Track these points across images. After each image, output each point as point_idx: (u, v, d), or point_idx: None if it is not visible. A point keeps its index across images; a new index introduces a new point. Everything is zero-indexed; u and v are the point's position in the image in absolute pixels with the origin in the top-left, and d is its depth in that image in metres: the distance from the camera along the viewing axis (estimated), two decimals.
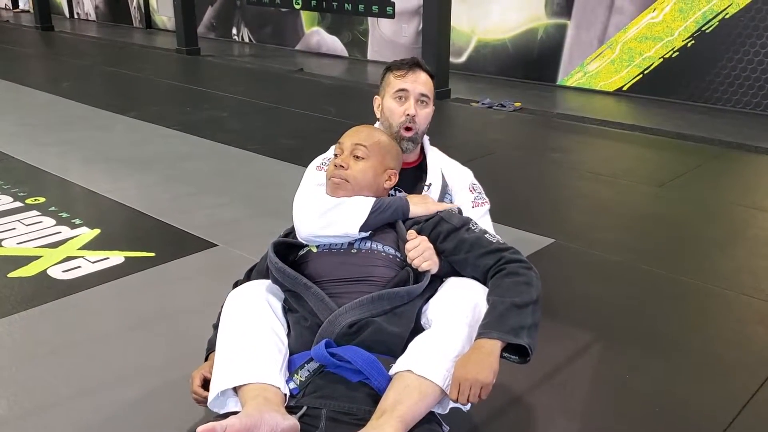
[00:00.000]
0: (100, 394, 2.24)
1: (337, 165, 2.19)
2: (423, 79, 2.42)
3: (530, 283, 1.98)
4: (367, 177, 2.20)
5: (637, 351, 2.53)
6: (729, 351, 2.55)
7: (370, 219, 2.13)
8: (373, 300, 1.96)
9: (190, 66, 9.18)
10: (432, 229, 2.14)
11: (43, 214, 3.80)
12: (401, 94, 2.39)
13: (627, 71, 7.13)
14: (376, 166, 2.22)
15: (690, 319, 2.78)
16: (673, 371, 2.40)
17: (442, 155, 2.56)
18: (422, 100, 2.41)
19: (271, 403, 1.79)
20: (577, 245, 3.46)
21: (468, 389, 1.77)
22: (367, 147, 2.20)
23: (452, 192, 2.48)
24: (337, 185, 2.19)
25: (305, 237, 2.20)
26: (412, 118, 2.37)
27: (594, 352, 2.53)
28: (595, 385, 2.33)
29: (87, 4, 14.55)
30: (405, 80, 2.40)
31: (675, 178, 4.56)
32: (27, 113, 6.24)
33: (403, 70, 2.41)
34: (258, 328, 1.96)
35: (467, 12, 8.24)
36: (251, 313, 2.00)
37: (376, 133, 2.30)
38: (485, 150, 5.11)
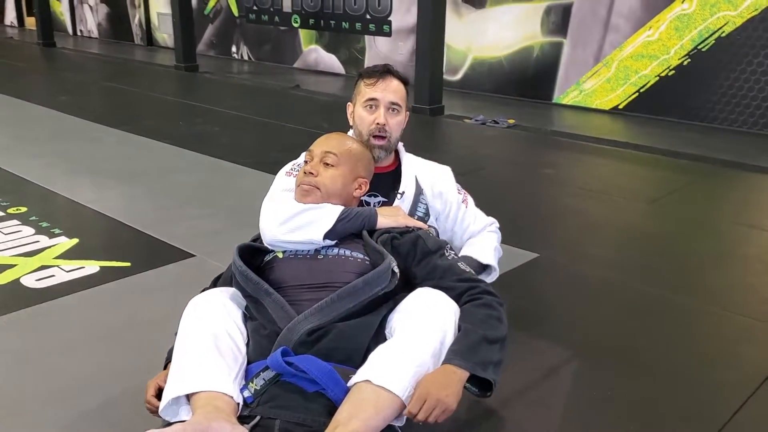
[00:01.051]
0: (59, 403, 2.18)
1: (306, 172, 2.17)
2: (394, 86, 2.40)
3: (501, 320, 1.96)
4: (337, 185, 2.17)
5: (616, 368, 2.45)
6: (713, 369, 2.47)
7: (337, 227, 2.09)
8: (333, 301, 1.91)
9: (187, 82, 9.19)
10: (409, 247, 2.09)
11: (23, 224, 3.76)
12: (371, 103, 2.37)
13: (623, 89, 7.10)
14: (346, 174, 2.18)
15: (674, 336, 2.70)
16: (654, 388, 2.32)
17: (417, 159, 2.52)
18: (393, 108, 2.39)
19: (221, 412, 1.73)
20: (562, 260, 3.40)
21: (432, 408, 1.72)
22: (337, 155, 2.17)
23: (427, 198, 2.44)
24: (306, 192, 2.15)
25: (270, 242, 2.15)
26: (382, 126, 2.35)
27: (571, 369, 2.45)
28: (571, 402, 2.26)
29: (90, 21, 14.65)
30: (375, 89, 2.37)
31: (666, 194, 4.50)
32: (20, 126, 6.23)
33: (374, 78, 2.39)
34: (214, 336, 1.90)
35: (463, 30, 8.24)
36: (208, 321, 1.94)
37: (347, 140, 2.27)
38: (475, 165, 5.06)
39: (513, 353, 2.50)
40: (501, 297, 2.03)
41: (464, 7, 8.18)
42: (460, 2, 8.19)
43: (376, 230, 2.16)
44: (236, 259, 2.08)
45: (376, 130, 2.36)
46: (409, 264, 2.08)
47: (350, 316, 1.92)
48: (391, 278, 1.98)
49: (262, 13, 10.81)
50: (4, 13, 17.37)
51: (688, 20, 6.52)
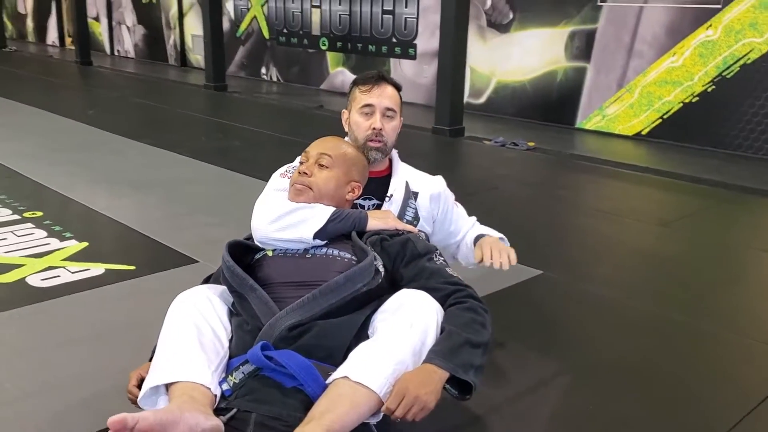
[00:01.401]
0: (49, 395, 2.21)
1: (301, 172, 2.19)
2: (389, 92, 2.43)
3: (485, 326, 1.96)
4: (330, 186, 2.19)
5: (610, 382, 2.41)
6: (710, 388, 2.42)
7: (328, 227, 2.10)
8: (314, 297, 1.91)
9: (215, 100, 9.34)
10: (399, 248, 2.10)
11: (36, 227, 3.84)
12: (367, 110, 2.40)
13: (646, 115, 7.05)
14: (340, 177, 2.21)
15: (673, 355, 2.65)
16: (644, 404, 2.28)
17: (410, 168, 2.54)
18: (388, 114, 2.42)
19: (197, 403, 1.73)
20: (565, 278, 3.36)
21: (410, 405, 1.71)
22: (332, 157, 2.20)
23: (419, 202, 2.45)
24: (299, 191, 2.18)
25: (260, 239, 2.18)
26: (378, 131, 2.37)
27: (564, 381, 2.41)
28: (560, 413, 2.22)
29: (127, 41, 15.00)
30: (371, 95, 2.40)
31: (681, 218, 4.44)
32: (46, 137, 6.38)
33: (369, 84, 2.42)
34: (197, 329, 1.92)
35: (487, 54, 8.28)
36: (192, 314, 1.96)
37: (343, 144, 2.29)
38: (489, 185, 5.06)
39: (505, 362, 2.50)
40: (486, 304, 2.02)
41: (489, 31, 8.22)
42: (485, 26, 8.24)
43: (366, 232, 2.17)
44: (225, 254, 2.10)
45: (372, 135, 2.38)
46: (398, 265, 2.08)
47: (333, 314, 1.92)
48: (374, 276, 1.98)
49: (291, 36, 10.98)
50: (46, 33, 17.87)
51: (713, 47, 6.47)
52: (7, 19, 19.12)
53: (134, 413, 1.57)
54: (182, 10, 13.11)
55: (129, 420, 1.54)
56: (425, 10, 8.91)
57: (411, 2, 9.09)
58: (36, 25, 18.39)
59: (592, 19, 7.29)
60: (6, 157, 5.36)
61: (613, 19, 7.15)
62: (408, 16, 9.14)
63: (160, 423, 1.58)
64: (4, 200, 4.30)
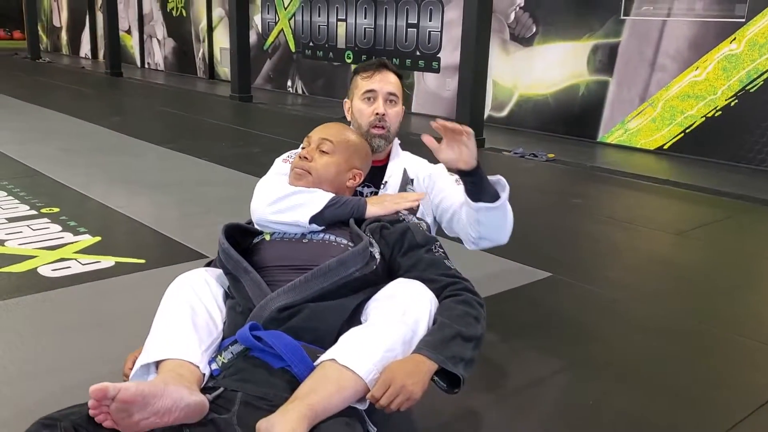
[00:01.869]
0: (47, 377, 2.24)
1: (301, 156, 2.19)
2: (391, 78, 2.43)
3: (479, 320, 1.93)
4: (330, 172, 2.18)
5: (609, 380, 2.38)
6: (712, 389, 2.37)
7: (325, 212, 2.10)
8: (306, 280, 1.91)
9: (239, 110, 9.44)
10: (398, 237, 2.09)
11: (52, 222, 3.90)
12: (369, 95, 2.40)
13: (668, 129, 6.98)
14: (341, 163, 2.20)
15: (673, 356, 2.60)
16: (645, 402, 2.24)
17: (410, 156, 2.53)
18: (391, 100, 2.41)
19: (183, 379, 1.73)
20: (574, 280, 3.32)
21: (395, 394, 1.69)
22: (333, 142, 2.19)
23: (416, 183, 2.44)
24: (299, 176, 2.17)
25: (258, 221, 2.19)
26: (381, 116, 2.37)
27: (563, 378, 2.39)
28: (557, 408, 2.20)
29: (157, 54, 15.25)
30: (372, 81, 2.41)
31: (697, 227, 4.38)
32: (70, 140, 6.49)
33: (370, 71, 2.43)
34: (192, 310, 1.94)
35: (510, 67, 8.27)
36: (188, 295, 1.98)
37: (346, 131, 2.28)
38: None
39: (506, 358, 2.48)
40: (482, 298, 1.99)
41: (512, 45, 8.22)
42: (508, 40, 8.24)
43: (365, 219, 2.16)
44: (221, 236, 2.11)
45: (375, 120, 2.38)
46: (395, 254, 2.06)
47: (325, 297, 1.92)
48: (368, 262, 1.97)
49: (317, 49, 11.08)
50: (79, 46, 18.25)
51: (737, 61, 6.40)
52: (42, 32, 19.56)
53: (116, 383, 1.58)
54: (212, 23, 13.31)
55: (110, 389, 1.54)
56: (449, 23, 8.95)
57: (435, 16, 9.13)
58: (70, 38, 18.79)
59: (615, 32, 7.26)
60: (29, 158, 5.47)
61: (636, 33, 7.12)
62: (432, 30, 9.18)
63: (142, 394, 1.58)
64: (23, 197, 4.38)
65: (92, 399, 1.53)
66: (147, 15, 15.39)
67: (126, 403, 1.54)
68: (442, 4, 9.00)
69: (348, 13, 10.43)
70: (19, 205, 4.19)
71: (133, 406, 1.56)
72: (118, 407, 1.54)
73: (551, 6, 7.80)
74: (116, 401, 1.54)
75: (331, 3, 10.70)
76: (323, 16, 10.88)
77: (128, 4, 15.75)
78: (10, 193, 4.46)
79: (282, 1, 11.61)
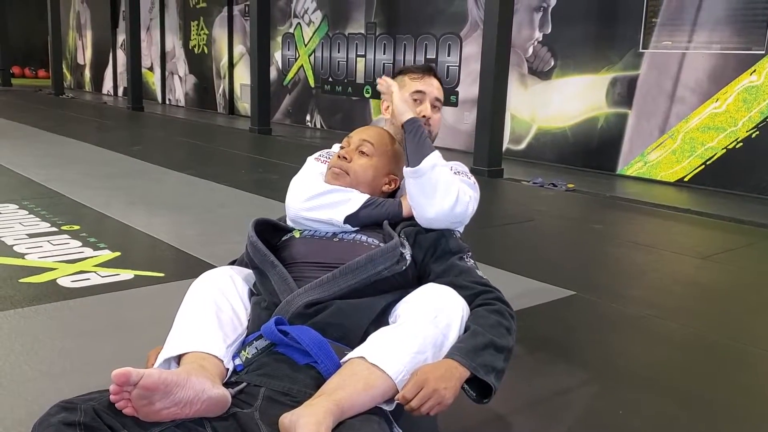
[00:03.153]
0: (61, 380, 2.22)
1: (340, 156, 2.17)
2: (437, 84, 2.42)
3: (510, 331, 1.89)
4: (367, 174, 2.15)
5: (635, 391, 2.31)
6: (737, 400, 2.31)
7: (360, 213, 2.08)
8: (334, 277, 1.88)
9: (259, 142, 9.51)
10: (431, 242, 2.06)
11: (72, 238, 3.90)
12: (417, 96, 2.38)
13: (688, 161, 6.94)
14: (379, 167, 2.17)
15: (701, 368, 2.54)
16: (673, 413, 2.18)
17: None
18: (435, 105, 2.40)
19: (206, 372, 1.69)
20: (598, 298, 3.27)
21: (427, 397, 1.64)
22: (374, 145, 2.16)
23: None
24: (336, 175, 2.15)
25: (292, 217, 2.16)
26: (427, 120, 2.36)
27: (589, 390, 2.33)
28: (583, 417, 2.14)
29: (178, 91, 15.48)
30: (422, 83, 2.39)
31: (720, 252, 4.31)
32: (91, 166, 6.55)
33: (420, 73, 2.41)
34: (216, 305, 1.91)
35: (528, 100, 8.30)
36: (212, 291, 1.96)
37: (387, 136, 2.25)
38: (525, 217, 5.00)
39: (530, 370, 2.43)
40: (513, 310, 1.96)
41: (530, 78, 8.26)
42: (526, 73, 8.28)
43: (400, 223, 2.13)
44: (250, 230, 2.09)
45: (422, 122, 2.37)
46: (428, 259, 2.03)
47: (353, 296, 1.88)
48: (398, 261, 1.94)
49: (336, 84, 11.20)
50: (102, 83, 18.57)
51: (757, 92, 6.38)
52: (67, 70, 19.95)
53: (139, 369, 1.54)
54: (233, 60, 13.52)
55: (133, 374, 1.50)
56: (467, 58, 9.02)
57: (453, 51, 9.22)
58: (93, 75, 19.14)
59: (633, 65, 7.28)
60: (50, 181, 5.51)
61: (655, 66, 7.13)
62: (450, 65, 9.26)
63: (165, 382, 1.54)
64: (44, 215, 4.40)
65: (114, 384, 1.49)
66: (169, 52, 15.67)
67: (148, 390, 1.51)
68: (461, 39, 9.09)
69: (367, 49, 10.55)
70: (40, 223, 4.21)
71: (155, 393, 1.52)
72: (140, 394, 1.50)
73: (569, 40, 7.85)
74: (138, 387, 1.50)
75: (350, 39, 10.84)
76: (342, 52, 11.02)
77: (151, 42, 16.05)
78: (32, 211, 4.49)
79: (302, 38, 11.78)
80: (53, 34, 16.65)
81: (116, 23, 17.49)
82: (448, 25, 9.24)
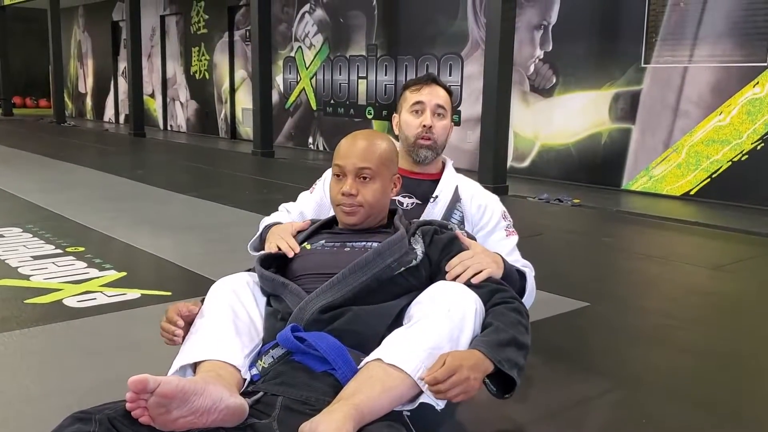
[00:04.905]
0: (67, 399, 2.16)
1: (345, 193, 2.02)
2: (439, 92, 2.41)
3: (528, 330, 1.87)
4: (377, 196, 2.06)
5: (656, 400, 2.26)
6: (762, 409, 2.26)
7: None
8: (344, 276, 1.84)
9: (262, 164, 9.50)
10: (446, 242, 2.02)
11: (77, 259, 3.86)
12: (417, 107, 2.37)
13: (694, 175, 6.91)
14: (385, 183, 2.09)
15: (722, 376, 2.49)
16: (696, 421, 2.12)
17: (464, 177, 2.48)
18: (439, 113, 2.38)
19: (223, 380, 1.66)
20: (612, 310, 3.23)
21: (458, 383, 1.59)
22: (372, 168, 2.03)
23: (465, 206, 2.38)
24: (350, 213, 2.05)
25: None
26: (428, 129, 2.34)
27: (610, 398, 2.28)
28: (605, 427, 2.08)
29: (180, 116, 15.51)
30: (421, 93, 2.38)
31: (733, 262, 4.27)
32: (95, 190, 6.54)
33: (419, 84, 2.41)
34: (234, 313, 1.89)
35: (531, 118, 8.29)
36: (229, 298, 1.94)
37: (374, 144, 2.08)
38: (533, 231, 4.95)
39: (548, 380, 2.38)
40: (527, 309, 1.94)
41: (532, 96, 8.26)
42: (528, 91, 8.29)
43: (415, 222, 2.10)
44: (256, 265, 2.05)
45: (423, 132, 2.35)
46: (442, 258, 2.00)
47: (366, 297, 1.84)
48: (407, 252, 1.91)
49: (338, 106, 11.21)
50: (104, 111, 18.64)
51: (761, 104, 6.36)
52: (68, 99, 20.02)
53: (157, 377, 1.50)
54: (234, 85, 13.56)
55: (150, 382, 1.46)
56: (469, 77, 9.04)
57: (455, 71, 9.23)
58: (94, 104, 19.21)
59: (636, 80, 7.28)
60: (54, 205, 5.47)
61: (657, 80, 7.13)
62: (452, 84, 9.26)
63: (183, 390, 1.50)
64: (49, 238, 4.36)
65: (131, 391, 1.45)
66: (170, 79, 15.73)
67: (165, 398, 1.47)
68: (462, 59, 9.11)
69: (369, 70, 10.58)
70: (44, 245, 4.17)
71: (173, 401, 1.48)
72: (157, 401, 1.47)
73: (571, 57, 7.86)
74: (155, 395, 1.46)
75: (351, 62, 10.88)
76: (344, 74, 11.05)
77: (153, 69, 16.11)
78: (36, 234, 4.45)
79: (304, 62, 11.82)
80: (55, 62, 16.73)
81: (117, 51, 17.59)
82: (449, 45, 9.27)
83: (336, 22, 11.06)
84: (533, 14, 8.18)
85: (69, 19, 19.04)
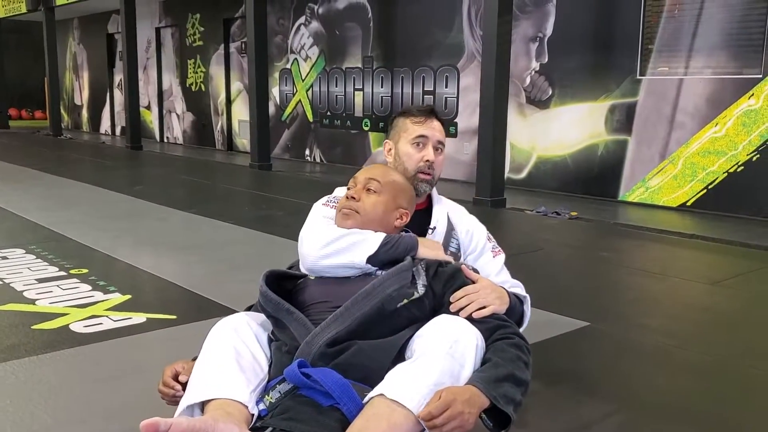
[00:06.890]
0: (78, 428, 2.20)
1: (348, 197, 2.18)
2: (439, 126, 2.45)
3: (528, 366, 1.92)
4: (377, 211, 2.16)
5: (661, 421, 2.29)
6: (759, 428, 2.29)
7: (380, 252, 2.07)
8: (347, 309, 1.89)
9: (259, 178, 9.53)
10: (450, 275, 2.06)
11: (81, 282, 3.88)
12: (420, 140, 2.40)
13: (690, 186, 6.96)
14: (388, 203, 2.18)
15: (725, 395, 2.53)
16: None
17: (449, 201, 2.53)
18: (438, 148, 2.43)
19: (232, 417, 1.69)
20: (612, 328, 3.26)
21: (453, 417, 1.63)
22: (380, 182, 2.18)
23: (458, 234, 2.42)
24: (347, 216, 2.15)
25: (310, 266, 2.14)
26: (431, 164, 2.38)
27: (615, 421, 2.31)
28: None
29: (176, 128, 15.54)
30: (424, 127, 2.41)
31: (732, 277, 4.31)
32: (94, 207, 6.55)
33: (422, 117, 2.43)
34: (236, 351, 1.91)
35: (527, 129, 8.35)
36: (231, 337, 1.95)
37: (392, 172, 2.29)
38: (533, 246, 5.00)
39: (550, 405, 2.41)
40: (529, 344, 1.98)
41: (528, 108, 8.32)
42: (524, 103, 8.34)
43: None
44: (260, 282, 2.09)
45: (425, 167, 2.38)
46: (446, 290, 2.04)
47: (371, 329, 1.88)
48: (409, 283, 1.95)
49: (335, 118, 11.25)
50: (100, 123, 18.65)
51: (756, 116, 6.42)
52: (64, 111, 20.02)
53: (167, 419, 1.53)
54: (230, 96, 13.60)
55: (162, 424, 1.50)
56: (465, 89, 9.09)
57: (451, 83, 9.29)
58: (90, 116, 19.21)
59: (632, 92, 7.34)
60: (55, 224, 5.49)
61: (653, 92, 7.19)
62: (448, 96, 9.32)
63: (193, 430, 1.54)
64: (51, 259, 4.38)
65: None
66: (167, 91, 15.75)
67: None
68: (458, 70, 9.16)
69: (365, 82, 10.63)
70: (48, 267, 4.19)
71: None
72: None
73: (566, 69, 7.92)
74: None
75: (348, 73, 10.93)
76: (340, 86, 11.09)
77: (148, 81, 16.14)
78: (39, 256, 4.47)
79: (300, 74, 11.86)
80: (50, 75, 16.75)
81: (113, 63, 17.62)
82: (445, 57, 9.32)
83: (332, 34, 11.11)
84: (529, 26, 8.24)
85: (64, 31, 19.06)
